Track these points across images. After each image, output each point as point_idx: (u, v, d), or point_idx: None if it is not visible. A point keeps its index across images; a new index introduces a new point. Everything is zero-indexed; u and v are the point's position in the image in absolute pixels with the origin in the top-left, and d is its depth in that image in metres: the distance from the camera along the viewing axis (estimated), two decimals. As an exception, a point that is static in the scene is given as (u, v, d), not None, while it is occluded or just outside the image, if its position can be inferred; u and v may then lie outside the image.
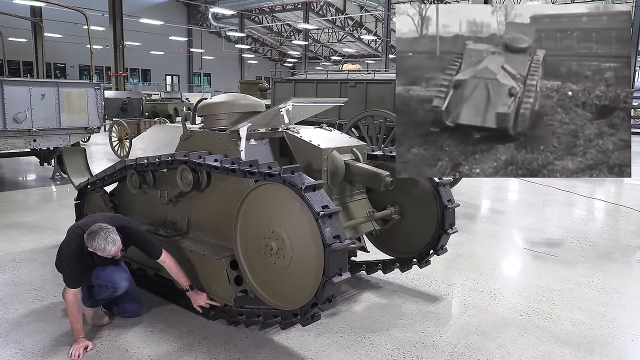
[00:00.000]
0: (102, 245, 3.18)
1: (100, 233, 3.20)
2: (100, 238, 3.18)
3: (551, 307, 4.06)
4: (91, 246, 3.21)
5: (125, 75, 21.89)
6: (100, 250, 3.20)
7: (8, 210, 6.91)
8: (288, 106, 3.72)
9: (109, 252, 3.22)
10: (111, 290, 3.47)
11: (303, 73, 10.74)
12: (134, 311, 3.68)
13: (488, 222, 6.94)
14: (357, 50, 52.23)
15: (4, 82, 7.70)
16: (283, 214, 2.97)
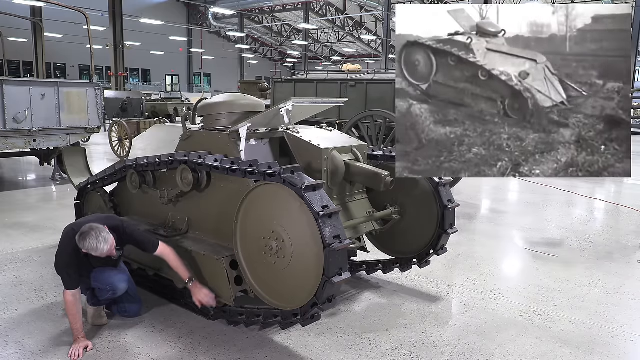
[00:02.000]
0: (94, 245, 3.17)
1: (91, 233, 3.19)
2: (92, 238, 3.17)
3: (551, 307, 4.06)
4: (83, 247, 3.20)
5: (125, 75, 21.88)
6: (93, 250, 3.19)
7: (8, 210, 6.91)
8: (288, 106, 3.72)
9: (102, 251, 3.21)
10: (111, 293, 3.48)
11: (303, 73, 10.74)
12: (133, 311, 3.68)
13: (488, 222, 6.94)
14: (357, 50, 52.23)
15: (4, 82, 7.69)
16: (283, 214, 2.97)
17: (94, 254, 3.24)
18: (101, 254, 3.24)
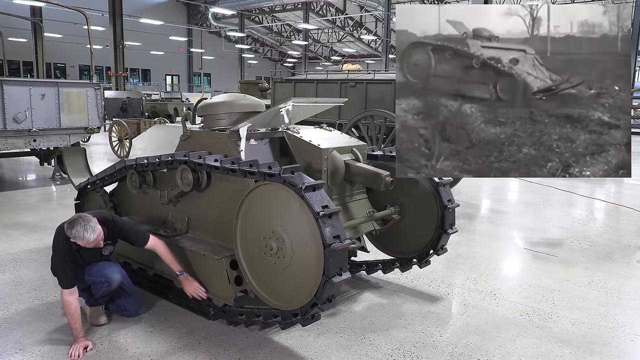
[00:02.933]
0: (81, 233, 3.20)
1: (78, 221, 3.23)
2: (79, 225, 3.21)
3: (551, 307, 4.06)
4: (71, 234, 3.23)
5: (125, 75, 21.88)
6: (80, 238, 3.22)
7: (8, 210, 6.91)
8: (288, 106, 3.72)
9: (89, 239, 3.23)
10: (106, 285, 3.47)
11: (303, 73, 10.73)
12: (132, 309, 3.68)
13: (488, 222, 6.94)
14: (357, 50, 52.23)
15: (4, 82, 7.69)
16: (283, 214, 2.97)
17: (81, 243, 3.26)
18: (87, 243, 3.26)
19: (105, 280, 3.47)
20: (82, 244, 3.27)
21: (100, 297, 3.55)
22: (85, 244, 3.28)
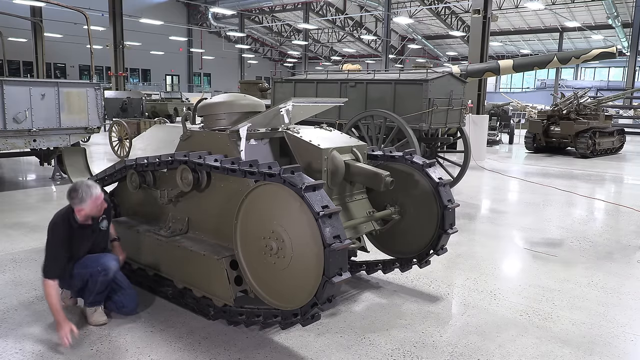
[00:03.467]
0: (88, 191, 3.37)
1: (81, 184, 3.39)
2: (84, 186, 3.39)
3: (551, 307, 4.06)
4: (76, 196, 3.35)
5: (125, 75, 21.87)
6: (88, 195, 3.35)
7: (8, 210, 6.91)
8: (288, 106, 3.72)
9: (96, 194, 3.39)
10: (103, 274, 3.49)
11: (303, 73, 10.72)
12: (130, 306, 3.69)
13: (488, 222, 6.94)
14: (357, 50, 52.21)
15: (4, 82, 7.69)
16: (283, 214, 2.96)
17: (88, 204, 3.37)
18: (97, 200, 3.40)
19: (102, 268, 3.49)
20: (88, 205, 3.37)
21: (98, 292, 3.54)
22: (92, 204, 3.39)
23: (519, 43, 45.27)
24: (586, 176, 11.43)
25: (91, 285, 3.53)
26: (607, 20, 34.63)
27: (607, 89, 34.65)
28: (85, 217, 3.47)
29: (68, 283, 3.60)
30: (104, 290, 3.58)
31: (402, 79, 8.14)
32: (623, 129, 17.30)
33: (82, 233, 3.49)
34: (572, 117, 15.22)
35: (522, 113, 23.75)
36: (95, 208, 3.45)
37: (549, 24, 40.23)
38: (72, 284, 3.59)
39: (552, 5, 33.26)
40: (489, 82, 20.04)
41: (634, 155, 16.63)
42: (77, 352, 3.18)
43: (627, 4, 32.94)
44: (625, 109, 24.40)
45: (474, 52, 13.46)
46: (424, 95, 7.63)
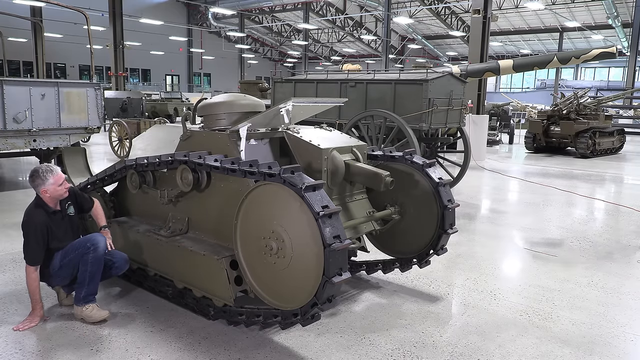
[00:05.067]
0: (50, 170, 3.47)
1: (39, 167, 3.49)
2: (43, 167, 3.49)
3: (551, 307, 4.06)
4: (39, 177, 3.44)
5: (125, 75, 21.87)
6: (49, 174, 3.44)
7: (8, 210, 6.91)
8: (288, 106, 3.72)
9: (57, 173, 3.50)
10: (92, 249, 3.51)
11: (303, 73, 10.71)
12: (119, 261, 3.73)
13: (488, 222, 6.94)
14: (357, 50, 52.20)
15: (4, 82, 7.69)
16: (283, 214, 2.96)
17: (51, 182, 3.45)
18: (59, 179, 3.50)
19: (91, 244, 3.53)
20: (51, 184, 3.45)
21: (90, 279, 3.53)
22: (55, 183, 3.47)
23: (519, 43, 45.27)
24: (586, 176, 11.43)
25: (82, 270, 3.53)
26: (607, 20, 34.63)
27: (607, 89, 34.63)
28: (52, 200, 3.55)
29: (57, 276, 3.61)
30: (94, 276, 3.56)
31: (402, 79, 8.14)
32: (623, 129, 17.30)
33: (55, 219, 3.58)
34: (572, 117, 15.22)
35: (522, 113, 23.76)
36: (59, 188, 3.52)
37: (549, 24, 40.23)
38: (61, 274, 3.60)
39: (552, 5, 33.26)
40: (489, 82, 20.04)
41: (634, 155, 16.63)
42: (77, 352, 3.18)
43: (627, 4, 32.94)
44: (625, 109, 24.39)
45: (474, 52, 13.46)
46: (424, 95, 7.63)
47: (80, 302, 3.57)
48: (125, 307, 3.86)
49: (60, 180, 3.53)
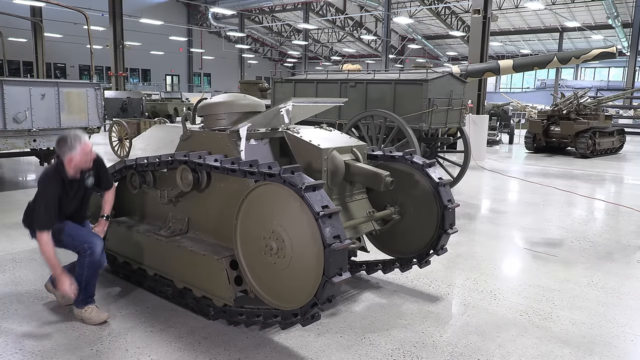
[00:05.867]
0: (78, 137, 3.40)
1: (68, 134, 3.41)
2: (72, 134, 3.41)
3: (551, 307, 4.06)
4: (67, 145, 3.36)
5: (125, 75, 21.86)
6: (77, 142, 3.37)
7: (8, 210, 6.90)
8: (288, 106, 3.72)
9: (85, 141, 3.42)
10: (89, 252, 3.50)
11: (303, 73, 10.71)
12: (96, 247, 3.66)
13: (488, 222, 6.94)
14: (357, 50, 52.20)
15: (4, 82, 7.69)
16: (283, 214, 2.97)
17: (78, 147, 3.38)
18: (85, 146, 3.41)
19: (89, 246, 3.50)
20: (78, 152, 3.38)
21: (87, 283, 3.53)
22: (82, 152, 3.40)
23: (519, 43, 45.27)
24: (586, 176, 11.43)
25: (78, 274, 3.53)
26: (607, 20, 34.62)
27: (607, 89, 34.62)
28: (75, 168, 3.46)
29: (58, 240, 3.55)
30: (91, 280, 3.56)
31: (402, 79, 8.14)
32: (623, 129, 17.30)
33: (71, 188, 3.51)
34: (572, 117, 15.22)
35: (522, 113, 23.75)
36: (85, 157, 3.45)
37: (549, 24, 40.23)
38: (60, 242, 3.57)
39: (552, 5, 33.26)
40: (489, 82, 20.04)
41: (634, 155, 16.62)
42: (77, 352, 3.18)
43: (627, 4, 32.94)
44: (625, 109, 24.39)
45: (474, 52, 13.46)
46: (424, 95, 7.63)
47: (79, 305, 3.57)
48: (125, 307, 3.85)
49: (88, 149, 3.44)
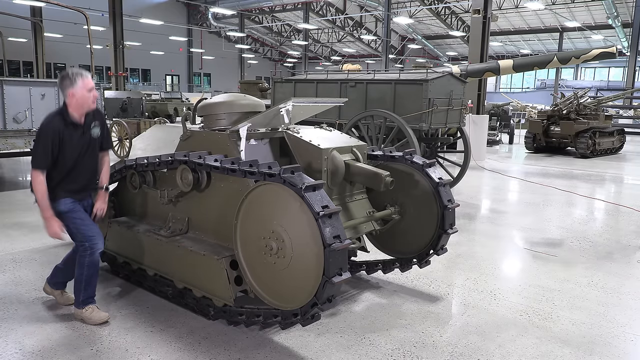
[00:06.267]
0: (80, 73, 3.38)
1: (70, 69, 3.41)
2: (74, 70, 3.40)
3: (551, 307, 4.06)
4: (68, 78, 3.34)
5: (125, 75, 21.86)
6: (78, 77, 3.35)
7: (8, 210, 6.90)
8: (288, 106, 3.72)
9: (87, 77, 3.39)
10: (89, 253, 3.47)
11: (303, 73, 10.71)
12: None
13: (488, 222, 6.94)
14: (357, 50, 52.20)
15: (4, 82, 7.69)
16: (283, 214, 2.96)
17: (79, 82, 3.35)
18: (87, 82, 3.37)
19: (90, 245, 3.46)
20: (79, 87, 3.34)
21: (87, 283, 3.52)
22: (83, 87, 3.35)
23: (519, 43, 45.27)
24: (586, 176, 11.43)
25: (78, 274, 3.52)
26: (607, 20, 34.62)
27: (607, 89, 34.62)
28: (77, 106, 3.39)
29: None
30: (91, 280, 3.54)
31: (402, 79, 8.14)
32: (623, 129, 17.30)
33: (73, 133, 3.41)
34: (572, 117, 15.22)
35: (522, 113, 23.75)
36: (87, 94, 3.38)
37: (549, 24, 40.22)
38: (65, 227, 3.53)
39: (552, 5, 33.25)
40: (489, 82, 20.04)
41: (634, 155, 16.62)
42: (77, 352, 3.18)
43: (627, 4, 32.93)
44: (625, 109, 24.39)
45: (474, 52, 13.46)
46: (424, 95, 7.63)
47: (79, 305, 3.57)
48: (125, 307, 3.85)
49: (89, 85, 3.38)
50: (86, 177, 3.59)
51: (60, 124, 3.36)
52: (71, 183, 3.49)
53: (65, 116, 3.39)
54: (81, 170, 3.52)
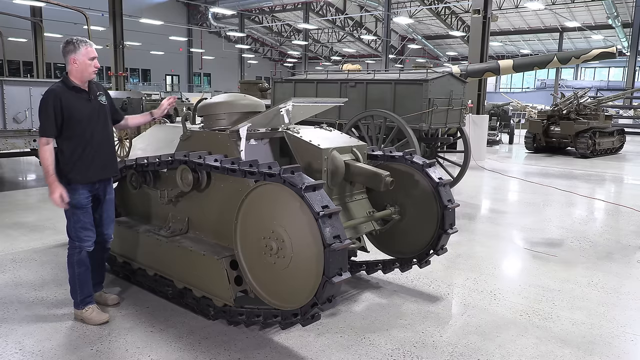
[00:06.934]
0: (84, 40, 3.37)
1: (73, 37, 3.40)
2: (78, 37, 3.40)
3: (551, 307, 4.06)
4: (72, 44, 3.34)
5: (125, 75, 21.85)
6: (82, 44, 3.35)
7: (8, 210, 6.90)
8: (288, 106, 3.72)
9: (91, 45, 3.40)
10: (77, 251, 3.48)
11: (303, 73, 10.71)
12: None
13: (488, 222, 6.94)
14: (357, 50, 52.19)
15: (4, 82, 7.69)
16: (283, 214, 2.97)
17: (82, 48, 3.34)
18: (89, 51, 3.37)
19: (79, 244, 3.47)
20: (82, 53, 3.33)
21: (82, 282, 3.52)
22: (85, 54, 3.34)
23: (519, 43, 45.27)
24: (586, 176, 11.43)
25: (70, 274, 3.53)
26: (607, 20, 34.62)
27: (607, 89, 34.65)
28: (79, 75, 3.37)
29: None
30: (84, 279, 3.53)
31: (402, 79, 8.14)
32: (623, 129, 17.30)
33: (78, 97, 3.38)
34: (572, 117, 15.22)
35: (522, 113, 23.75)
36: (88, 62, 3.36)
37: (549, 24, 40.23)
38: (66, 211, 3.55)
39: (552, 5, 33.25)
40: (489, 82, 20.04)
41: (634, 155, 16.62)
42: (77, 352, 3.18)
43: (627, 4, 32.93)
44: (625, 109, 24.40)
45: (474, 52, 13.46)
46: (424, 95, 7.63)
47: (79, 306, 3.57)
48: (125, 307, 3.85)
49: (92, 54, 3.37)
50: (104, 153, 3.52)
51: (61, 89, 3.34)
52: (89, 163, 3.43)
53: (67, 82, 3.37)
54: (98, 142, 3.46)
